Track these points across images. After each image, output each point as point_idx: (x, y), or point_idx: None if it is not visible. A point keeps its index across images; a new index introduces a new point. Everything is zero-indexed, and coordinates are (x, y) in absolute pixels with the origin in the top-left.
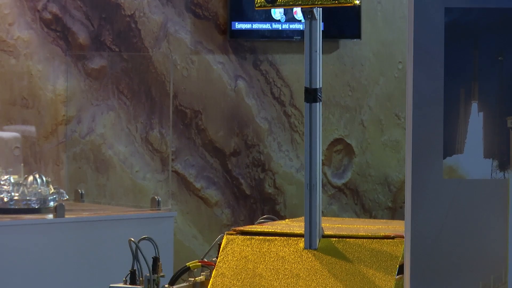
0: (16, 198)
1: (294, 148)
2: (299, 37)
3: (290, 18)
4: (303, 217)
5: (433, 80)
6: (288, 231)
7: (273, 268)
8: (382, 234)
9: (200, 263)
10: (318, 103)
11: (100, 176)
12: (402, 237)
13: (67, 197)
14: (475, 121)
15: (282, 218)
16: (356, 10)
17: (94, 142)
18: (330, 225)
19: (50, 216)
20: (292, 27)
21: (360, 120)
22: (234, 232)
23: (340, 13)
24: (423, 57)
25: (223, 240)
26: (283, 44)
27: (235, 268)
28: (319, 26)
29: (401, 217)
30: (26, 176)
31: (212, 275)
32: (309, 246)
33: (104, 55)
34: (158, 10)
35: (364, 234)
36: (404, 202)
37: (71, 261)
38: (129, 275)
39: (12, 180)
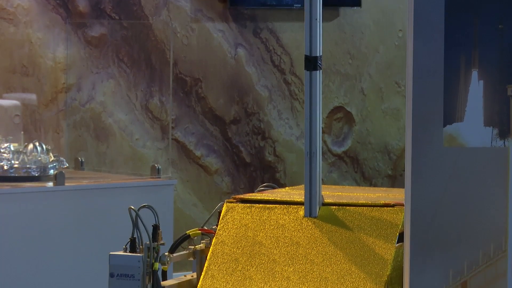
0: (16, 166)
1: (294, 116)
2: (299, 5)
3: None
4: (303, 185)
5: (433, 49)
6: (288, 199)
7: (273, 236)
8: (382, 202)
9: (200, 231)
10: (318, 71)
11: (100, 144)
12: (402, 205)
13: (67, 165)
14: (475, 89)
15: (282, 186)
16: None
17: (94, 110)
18: (330, 193)
19: (50, 184)
20: None
21: (360, 88)
22: (234, 200)
23: None
24: (423, 25)
25: (223, 208)
26: (283, 12)
27: (235, 236)
28: None
29: (401, 185)
30: (26, 144)
31: (212, 243)
32: (309, 214)
33: (104, 23)
34: None
35: (364, 202)
36: (404, 170)
37: (71, 229)
38: (129, 243)
39: (12, 148)
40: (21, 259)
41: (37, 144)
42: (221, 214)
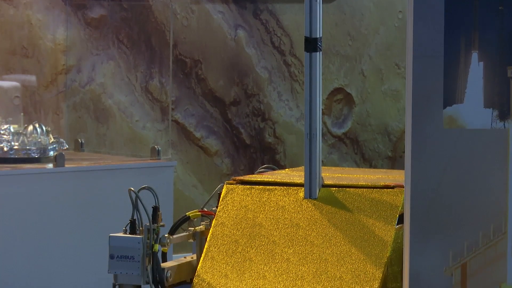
0: (16, 147)
1: (294, 98)
2: None
3: None
4: (303, 167)
5: (433, 30)
6: (288, 181)
7: (273, 218)
8: (382, 183)
9: (200, 213)
10: (318, 53)
11: (100, 126)
12: (402, 186)
13: (67, 146)
14: (475, 71)
15: (282, 167)
16: None
17: (94, 91)
18: (330, 175)
19: (50, 165)
20: None
21: (360, 70)
22: (234, 182)
23: None
24: (424, 6)
25: (223, 189)
26: None
27: (235, 217)
28: None
29: (401, 167)
30: (26, 125)
31: (212, 224)
32: (309, 195)
33: (104, 4)
34: None
35: (364, 183)
36: (404, 152)
37: (71, 211)
38: (129, 225)
39: (12, 130)
40: (20, 241)
41: (37, 125)
42: (221, 195)
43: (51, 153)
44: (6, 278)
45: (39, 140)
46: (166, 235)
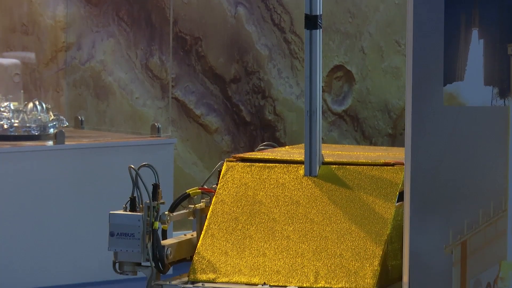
0: (16, 125)
1: (294, 75)
2: None
3: None
4: (303, 144)
5: (433, 7)
6: (288, 158)
7: (273, 195)
8: (382, 161)
9: (200, 190)
10: (318, 30)
11: (100, 103)
12: (402, 164)
13: (67, 123)
14: (476, 48)
15: (282, 145)
16: None
17: (94, 68)
18: (330, 152)
19: (50, 143)
20: None
21: (360, 47)
22: (234, 159)
23: None
24: None
25: (223, 167)
26: None
27: (235, 195)
28: None
29: (401, 144)
30: (26, 103)
31: (212, 202)
32: (309, 173)
33: None
34: None
35: (364, 161)
36: (404, 129)
37: (71, 188)
38: (129, 202)
39: (12, 107)
40: (20, 218)
41: (37, 103)
42: (221, 173)
43: (51, 130)
44: (5, 255)
45: (39, 117)
46: (166, 213)
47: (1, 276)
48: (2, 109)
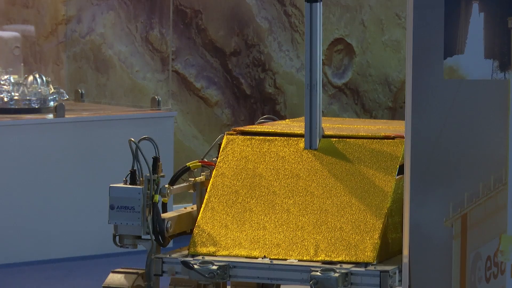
0: (16, 98)
1: (295, 48)
2: None
3: None
4: (303, 117)
5: None
6: (288, 131)
7: (273, 168)
8: (382, 134)
9: (200, 163)
10: (318, 3)
11: (100, 76)
12: (402, 137)
13: (67, 97)
14: (476, 22)
15: (282, 118)
16: None
17: (94, 41)
18: (330, 125)
19: (50, 116)
20: None
21: (360, 20)
22: (234, 132)
23: None
24: None
25: (223, 140)
26: None
27: (235, 168)
28: None
29: (402, 117)
30: (26, 76)
31: (212, 175)
32: (309, 146)
33: None
34: None
35: (364, 134)
36: (404, 102)
37: (71, 161)
38: (129, 175)
39: (12, 80)
40: (21, 191)
41: (37, 76)
42: (221, 146)
43: (51, 103)
44: (6, 227)
45: (39, 90)
46: (166, 186)
47: (1, 248)
48: (2, 82)
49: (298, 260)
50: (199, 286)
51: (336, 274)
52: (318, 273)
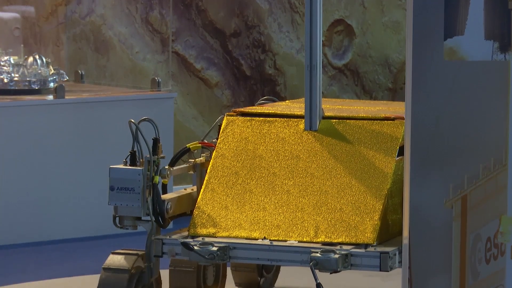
0: (16, 79)
1: (295, 29)
2: None
3: None
4: (303, 98)
5: None
6: (289, 113)
7: (273, 150)
8: (382, 115)
9: (200, 145)
10: None
11: (100, 57)
12: (402, 118)
13: (67, 78)
14: (476, 2)
15: (282, 99)
16: None
17: (94, 23)
18: (330, 106)
19: (50, 97)
20: None
21: (360, 1)
22: (234, 113)
23: None
24: None
25: (223, 121)
26: None
27: (235, 149)
28: None
29: (402, 99)
30: (26, 57)
31: (212, 156)
32: (309, 127)
33: None
34: None
35: (364, 115)
36: (404, 83)
37: (71, 143)
38: (129, 157)
39: (12, 61)
40: (20, 172)
41: (37, 57)
42: (221, 127)
43: (51, 84)
44: (6, 208)
45: (39, 71)
46: (166, 167)
47: (1, 230)
48: (2, 63)
49: (298, 242)
50: (199, 267)
51: (336, 255)
52: (318, 254)
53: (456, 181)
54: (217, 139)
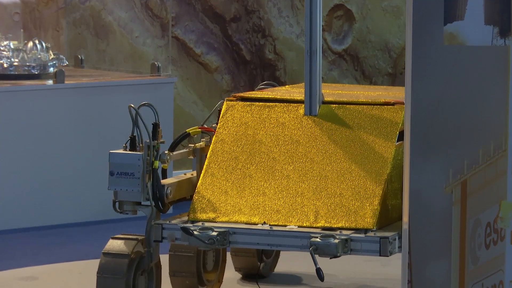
0: (16, 64)
1: (295, 14)
2: None
3: None
4: (303, 83)
5: None
6: (288, 97)
7: (273, 134)
8: (382, 100)
9: (200, 129)
10: None
11: (100, 42)
12: (402, 103)
13: (67, 62)
14: None
15: (282, 84)
16: None
17: (94, 7)
18: (330, 91)
19: (50, 82)
20: None
21: None
22: (234, 98)
23: None
24: None
25: (223, 106)
26: None
27: (235, 134)
28: None
29: (402, 83)
30: (26, 41)
31: (212, 141)
32: (309, 112)
33: None
34: None
35: (364, 100)
36: (404, 68)
37: (71, 127)
38: (129, 141)
39: (11, 46)
40: (21, 157)
41: (37, 42)
42: (221, 112)
43: (51, 69)
44: (6, 193)
45: (39, 56)
46: (166, 152)
47: (1, 215)
48: (2, 48)
49: (298, 226)
50: (199, 252)
51: (336, 240)
52: (318, 239)
53: (456, 166)
54: (217, 124)
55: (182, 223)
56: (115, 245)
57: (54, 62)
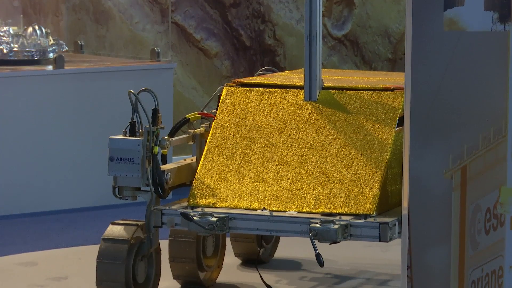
0: (15, 49)
1: (294, 0)
2: None
3: None
4: (303, 69)
5: None
6: (288, 83)
7: (272, 120)
8: (382, 86)
9: (199, 115)
10: None
11: (99, 27)
12: (402, 89)
13: (67, 48)
14: None
15: (282, 69)
16: None
17: None
18: (330, 77)
19: (50, 67)
20: None
21: None
22: (234, 84)
23: None
24: None
25: (223, 91)
26: None
27: (235, 119)
28: None
29: (401, 69)
30: (25, 27)
31: (212, 126)
32: (309, 98)
33: None
34: None
35: (364, 86)
36: (404, 54)
37: (71, 113)
38: (128, 127)
39: (11, 32)
40: (20, 142)
41: (36, 27)
42: (221, 97)
43: (51, 55)
44: (6, 178)
45: (39, 42)
46: (166, 137)
47: (1, 200)
48: (1, 34)
49: (298, 212)
50: (199, 238)
51: (336, 226)
52: (318, 225)
53: (456, 151)
54: (216, 109)
55: (181, 209)
56: (115, 230)
57: (53, 47)
